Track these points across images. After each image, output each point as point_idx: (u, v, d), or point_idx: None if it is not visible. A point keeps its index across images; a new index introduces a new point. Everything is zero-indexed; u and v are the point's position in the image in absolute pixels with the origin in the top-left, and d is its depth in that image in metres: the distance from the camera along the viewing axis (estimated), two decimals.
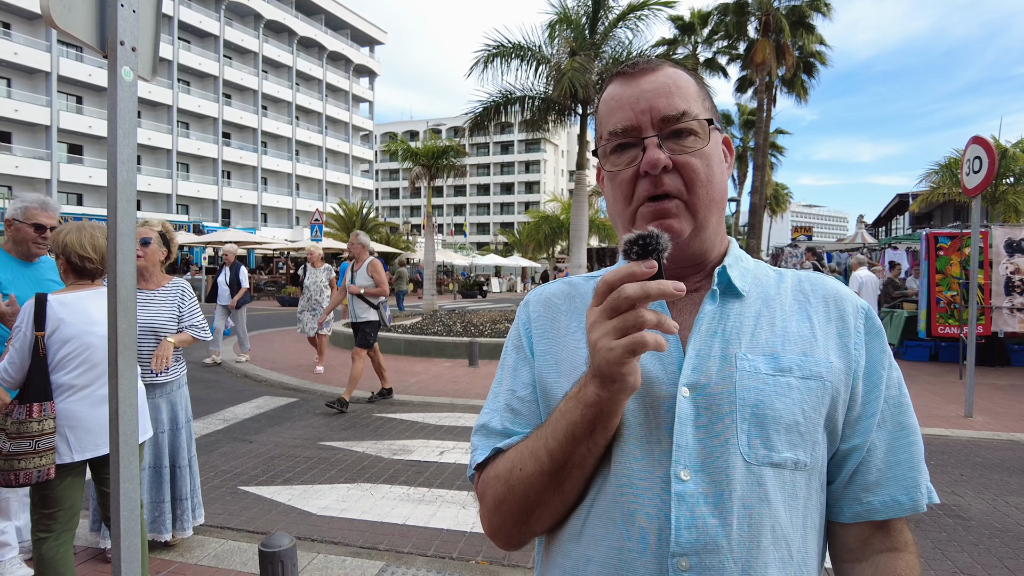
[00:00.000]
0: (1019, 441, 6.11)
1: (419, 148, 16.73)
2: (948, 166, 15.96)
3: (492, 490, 0.85)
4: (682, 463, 0.77)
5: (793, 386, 0.81)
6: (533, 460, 0.80)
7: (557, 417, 0.79)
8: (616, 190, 0.87)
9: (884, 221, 33.41)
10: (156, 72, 2.09)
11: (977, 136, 7.16)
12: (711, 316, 0.85)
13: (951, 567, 3.51)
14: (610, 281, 0.67)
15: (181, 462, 3.48)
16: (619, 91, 0.88)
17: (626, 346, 0.66)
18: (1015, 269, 10.29)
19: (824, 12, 24.26)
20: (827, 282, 0.93)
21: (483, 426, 0.93)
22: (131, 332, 1.94)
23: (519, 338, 0.97)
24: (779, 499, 0.78)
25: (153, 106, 41.02)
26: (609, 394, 0.71)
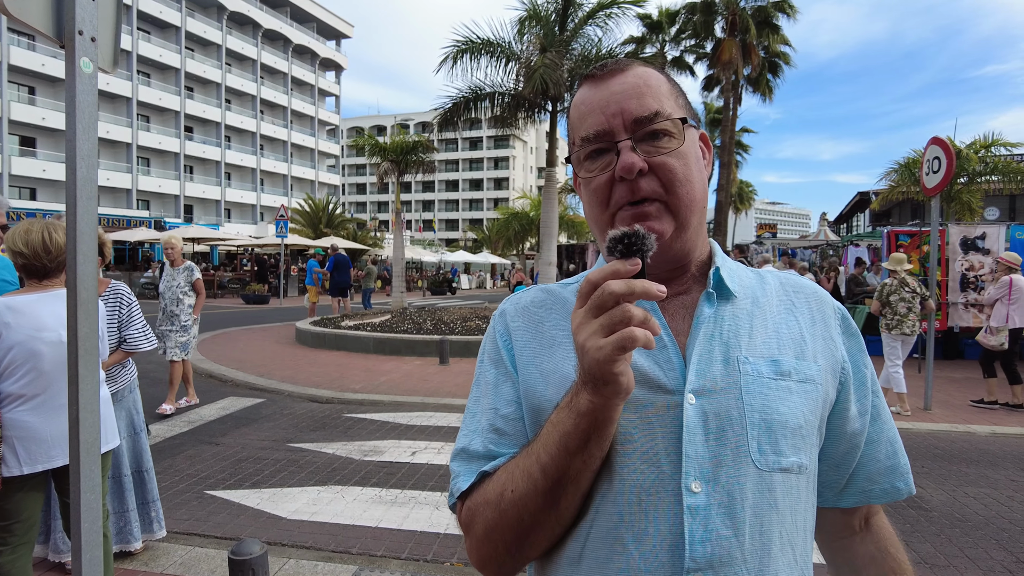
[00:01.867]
0: (975, 432, 6.31)
1: (387, 143, 16.52)
2: (907, 165, 16.37)
3: (481, 518, 0.79)
4: (692, 474, 0.75)
5: (793, 390, 0.81)
6: (525, 479, 0.75)
7: (548, 430, 0.74)
8: (592, 195, 0.84)
9: (846, 218, 34.24)
10: (117, 64, 2.00)
11: (936, 137, 7.36)
12: (709, 319, 0.83)
13: (915, 557, 3.60)
14: (594, 280, 0.65)
15: (147, 465, 3.43)
16: (589, 95, 0.85)
17: (615, 343, 0.63)
18: (969, 266, 10.63)
19: (788, 13, 24.69)
20: (806, 284, 0.94)
21: (463, 450, 0.86)
22: (92, 336, 1.86)
23: (497, 351, 0.91)
24: (786, 504, 0.78)
25: (111, 98, 39.78)
26: (603, 399, 0.68)
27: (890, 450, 0.92)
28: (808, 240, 28.22)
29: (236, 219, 48.78)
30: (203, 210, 46.52)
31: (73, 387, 1.81)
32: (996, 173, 15.71)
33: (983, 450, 5.77)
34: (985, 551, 3.69)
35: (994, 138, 15.73)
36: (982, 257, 10.62)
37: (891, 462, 0.91)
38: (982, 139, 15.84)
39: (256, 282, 25.78)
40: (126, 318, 3.21)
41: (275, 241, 23.79)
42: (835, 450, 0.89)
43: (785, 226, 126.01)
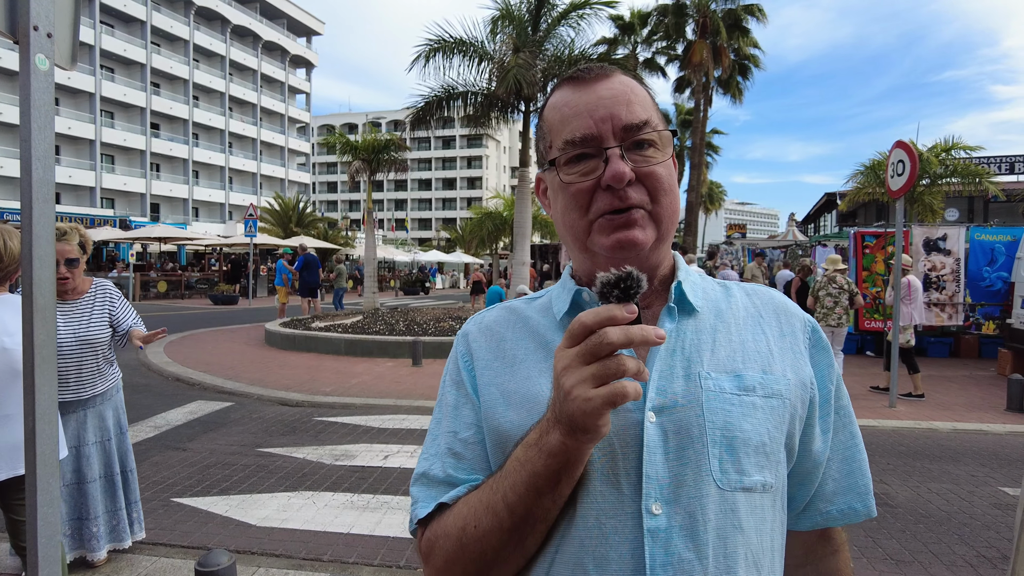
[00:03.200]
0: (937, 429, 6.48)
1: (359, 142, 16.36)
2: (872, 167, 16.74)
3: (441, 549, 0.77)
4: (653, 496, 0.72)
5: (758, 406, 0.78)
6: (490, 516, 0.72)
7: (515, 467, 0.71)
8: (571, 200, 0.81)
9: (813, 219, 34.92)
10: (76, 61, 1.93)
11: (900, 141, 7.53)
12: (670, 334, 0.81)
13: (882, 554, 3.67)
14: (588, 323, 0.62)
15: (130, 465, 3.43)
16: (573, 97, 0.82)
17: (606, 397, 0.60)
18: (932, 266, 10.92)
19: (758, 16, 25.07)
20: (774, 295, 0.92)
21: (423, 474, 0.84)
22: (50, 343, 1.79)
23: (458, 372, 0.89)
24: (751, 524, 0.75)
25: (73, 93, 38.70)
26: (576, 443, 0.65)
27: (846, 468, 0.88)
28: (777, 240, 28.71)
29: (204, 218, 47.89)
30: (170, 209, 45.57)
31: (29, 397, 1.74)
32: (956, 175, 16.16)
33: (945, 446, 5.93)
34: (948, 546, 3.78)
35: (954, 142, 16.17)
36: (943, 258, 10.91)
37: (848, 481, 0.88)
38: (943, 143, 16.28)
39: (228, 282, 25.33)
40: (121, 313, 3.31)
41: (244, 240, 23.39)
42: (801, 468, 0.86)
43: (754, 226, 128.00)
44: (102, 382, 3.25)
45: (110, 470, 3.29)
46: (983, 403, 7.61)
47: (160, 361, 9.79)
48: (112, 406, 3.34)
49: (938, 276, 10.90)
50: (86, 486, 3.16)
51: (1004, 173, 22.78)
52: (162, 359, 9.99)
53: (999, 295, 10.97)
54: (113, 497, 3.30)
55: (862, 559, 3.60)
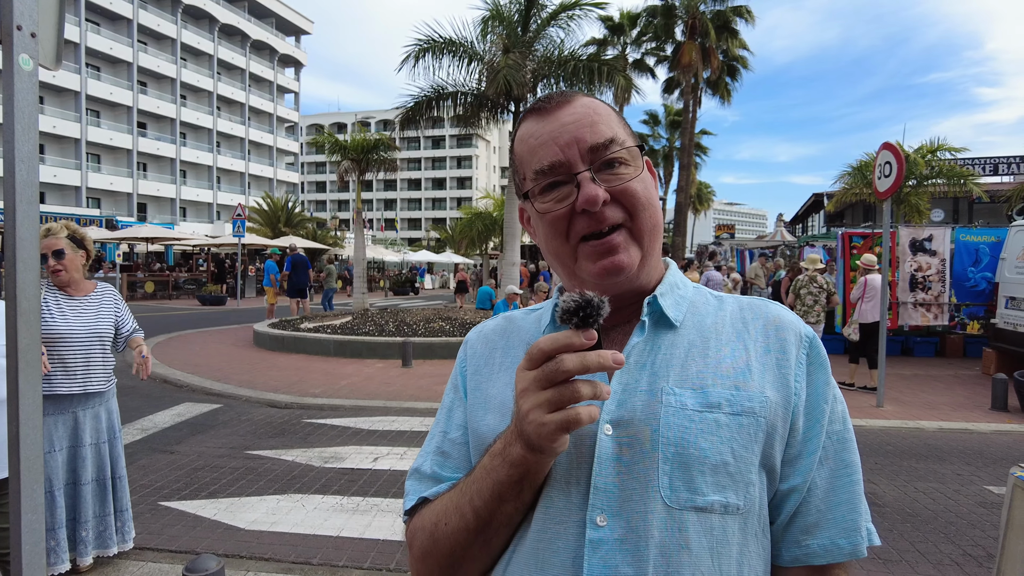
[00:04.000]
0: (923, 428, 6.54)
1: (348, 141, 16.29)
2: (859, 168, 16.87)
3: (419, 541, 0.82)
4: (599, 507, 0.73)
5: (722, 423, 0.75)
6: (458, 516, 0.77)
7: (482, 475, 0.75)
8: (549, 229, 0.81)
9: (801, 219, 35.12)
10: (60, 60, 1.90)
11: (887, 142, 7.59)
12: (640, 348, 0.80)
13: (870, 554, 3.69)
14: (546, 350, 0.64)
15: (119, 472, 3.39)
16: (536, 128, 0.82)
17: (559, 423, 0.63)
18: (918, 267, 11.02)
19: (747, 18, 25.21)
20: (769, 308, 0.87)
21: (416, 470, 0.90)
22: (35, 347, 1.76)
23: (456, 377, 0.95)
24: (703, 546, 0.72)
25: (58, 92, 38.29)
26: (537, 457, 0.69)
27: (833, 500, 0.80)
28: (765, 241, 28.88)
29: (192, 218, 47.54)
30: (157, 209, 45.20)
31: (13, 401, 1.72)
32: (941, 177, 16.32)
33: (931, 445, 5.98)
34: (934, 545, 3.82)
35: (939, 143, 16.34)
36: (929, 258, 11.01)
37: (833, 513, 0.79)
38: (928, 144, 16.44)
39: (214, 283, 25.16)
40: (127, 315, 3.44)
41: (232, 241, 23.24)
42: (776, 490, 0.81)
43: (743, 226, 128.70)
44: (104, 381, 3.28)
45: (102, 474, 3.27)
46: (968, 402, 7.69)
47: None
48: (107, 409, 3.34)
49: (924, 276, 11.00)
50: (80, 488, 3.15)
51: (988, 174, 23.06)
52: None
53: (984, 295, 11.09)
54: (103, 502, 3.27)
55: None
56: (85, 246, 3.34)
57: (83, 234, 3.37)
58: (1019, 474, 2.42)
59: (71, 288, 3.26)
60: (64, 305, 3.19)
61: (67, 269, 3.20)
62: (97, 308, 3.29)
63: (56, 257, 3.17)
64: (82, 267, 3.31)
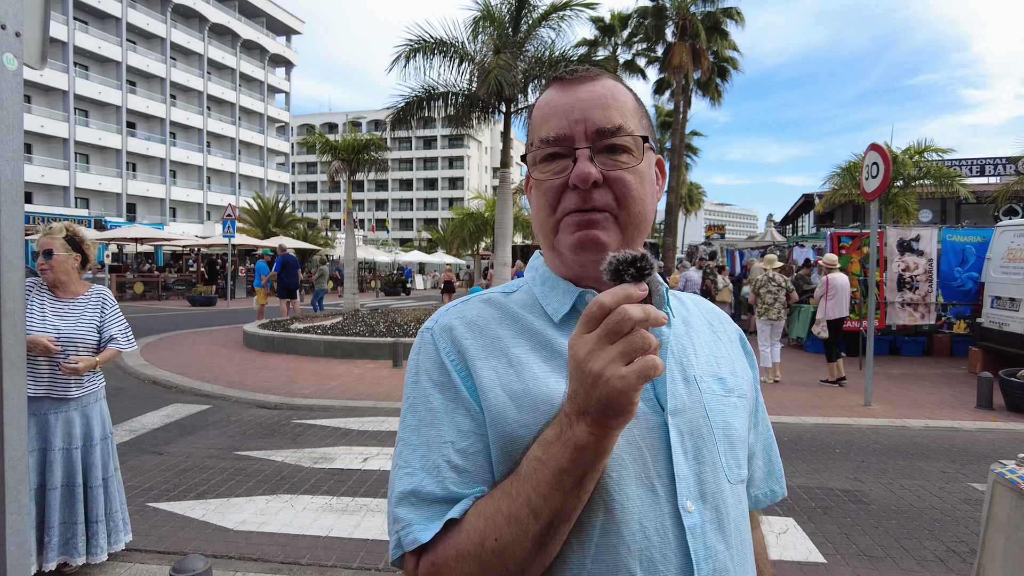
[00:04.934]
0: (910, 427, 6.60)
1: (338, 141, 16.24)
2: (848, 169, 17.00)
3: (456, 571, 0.69)
4: (686, 495, 0.76)
5: (737, 405, 0.85)
6: (513, 525, 0.67)
7: (536, 467, 0.66)
8: (542, 197, 0.82)
9: (791, 219, 35.31)
10: (46, 60, 1.90)
11: (875, 144, 7.66)
12: (666, 338, 0.84)
13: (855, 550, 3.73)
14: (607, 303, 0.61)
15: (93, 481, 3.22)
16: (554, 97, 0.84)
17: (639, 372, 0.59)
18: (906, 267, 11.11)
19: (737, 19, 25.30)
20: (712, 305, 1.01)
21: (412, 492, 0.74)
22: (19, 347, 1.76)
23: (445, 374, 0.80)
24: (743, 513, 0.84)
25: (46, 91, 37.97)
26: (606, 431, 0.63)
27: (767, 456, 0.99)
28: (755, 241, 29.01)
29: (182, 218, 47.26)
30: (147, 209, 44.91)
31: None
32: (929, 177, 16.47)
33: (917, 443, 6.04)
34: (919, 541, 3.86)
35: (926, 144, 16.49)
36: (917, 258, 11.11)
37: (767, 467, 0.98)
38: (916, 145, 16.59)
39: (205, 284, 25.02)
40: (109, 319, 3.30)
41: (222, 241, 23.13)
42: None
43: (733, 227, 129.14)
44: (78, 387, 3.18)
45: (72, 480, 3.14)
46: (954, 401, 7.77)
47: (136, 364, 9.65)
48: (84, 415, 3.22)
49: (912, 276, 11.10)
50: (47, 492, 3.05)
51: (975, 175, 23.28)
52: (138, 361, 9.85)
53: (970, 295, 11.20)
54: (71, 509, 3.14)
55: (836, 555, 3.66)
56: (82, 249, 3.30)
57: (83, 237, 3.34)
58: (999, 470, 2.45)
59: (59, 289, 3.22)
60: (47, 307, 3.15)
61: (53, 269, 3.16)
62: (80, 313, 3.21)
63: (45, 256, 3.15)
64: (74, 270, 3.27)
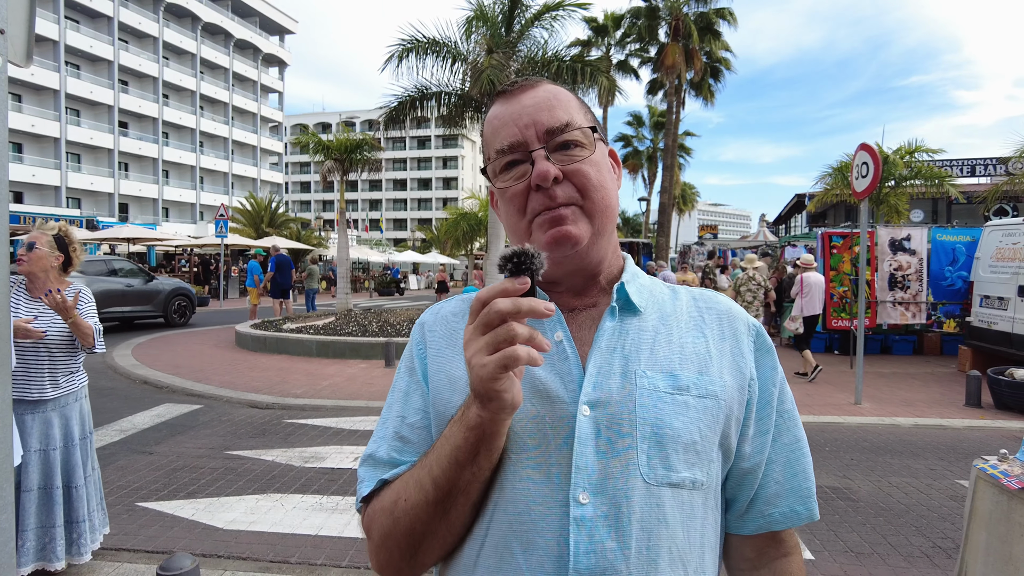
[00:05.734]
0: (899, 425, 6.64)
1: (331, 141, 16.22)
2: (840, 169, 17.07)
3: (378, 524, 0.82)
4: (581, 486, 0.76)
5: (690, 405, 0.81)
6: (418, 489, 0.77)
7: (441, 443, 0.76)
8: (509, 205, 0.86)
9: (784, 219, 35.44)
10: (31, 58, 1.89)
11: (864, 143, 7.70)
12: (611, 332, 0.85)
13: (843, 547, 3.76)
14: (483, 298, 0.67)
15: (76, 482, 3.19)
16: (501, 110, 0.88)
17: (498, 361, 0.64)
18: (897, 266, 11.18)
19: (730, 20, 25.41)
20: (720, 299, 0.95)
21: (370, 456, 0.88)
22: (3, 345, 1.76)
23: (412, 360, 0.93)
24: (677, 519, 0.78)
25: (36, 90, 37.73)
26: (489, 414, 0.69)
27: (788, 471, 0.90)
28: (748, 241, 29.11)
29: (174, 218, 47.04)
30: (139, 209, 44.70)
31: None
32: (920, 178, 16.55)
33: (906, 441, 6.08)
34: (906, 538, 3.89)
35: (917, 145, 16.57)
36: (908, 257, 11.18)
37: (791, 484, 0.90)
38: (907, 145, 16.67)
39: (197, 283, 24.91)
40: (80, 313, 3.19)
41: (215, 241, 23.05)
42: (738, 470, 0.88)
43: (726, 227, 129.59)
44: (52, 388, 3.13)
45: (48, 482, 3.08)
46: (943, 399, 7.82)
47: (127, 364, 9.61)
48: (62, 414, 3.18)
49: (903, 276, 11.17)
50: (22, 495, 2.98)
51: (966, 175, 23.43)
52: (129, 361, 9.81)
53: (960, 294, 11.27)
54: (48, 512, 3.07)
55: (824, 552, 3.69)
56: (67, 251, 3.27)
57: (72, 239, 3.31)
58: (981, 466, 2.48)
59: (34, 288, 3.16)
60: (22, 305, 3.10)
61: (29, 262, 3.11)
62: (53, 314, 3.14)
63: (28, 248, 3.12)
64: (53, 269, 3.21)
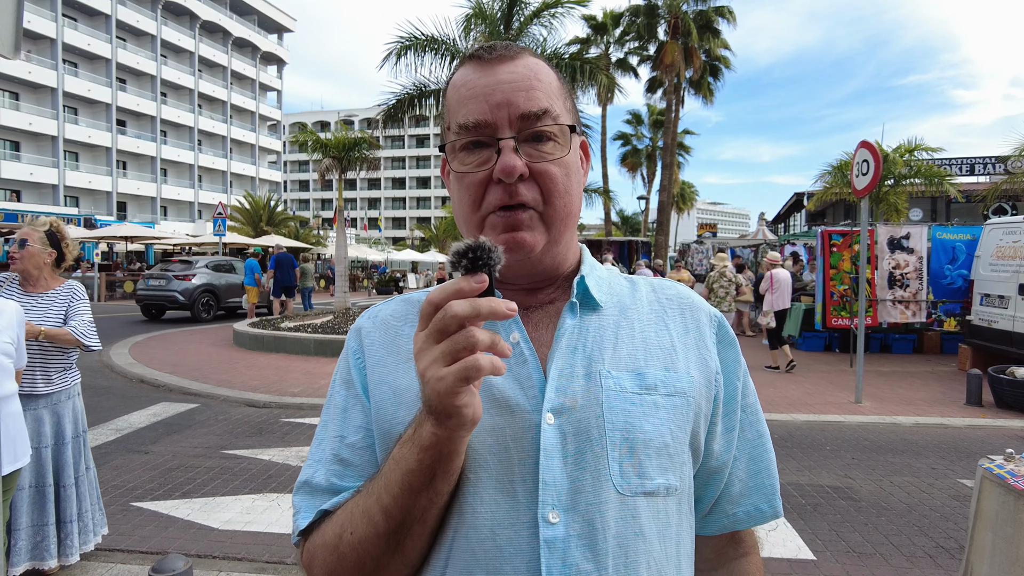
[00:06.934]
0: (900, 424, 6.61)
1: (330, 139, 16.16)
2: (839, 167, 17.02)
3: (320, 561, 0.72)
4: (550, 503, 0.68)
5: (660, 405, 0.74)
6: (365, 521, 0.68)
7: (391, 467, 0.66)
8: (464, 193, 0.76)
9: (783, 218, 35.43)
10: (19, 49, 1.86)
11: (865, 141, 7.66)
12: (571, 331, 0.77)
13: (844, 547, 3.73)
14: (435, 300, 0.58)
15: (66, 481, 3.16)
16: (472, 77, 0.77)
17: (457, 373, 0.56)
18: (896, 264, 11.15)
19: (729, 18, 25.38)
20: (680, 289, 0.89)
21: (305, 483, 0.78)
22: None
23: (348, 371, 0.82)
24: (653, 530, 0.72)
25: (34, 88, 37.66)
26: (447, 432, 0.61)
27: (752, 468, 0.85)
28: (747, 239, 29.11)
29: (173, 217, 47.01)
30: (137, 207, 44.65)
31: None
32: (919, 176, 16.51)
33: (907, 440, 6.05)
34: (908, 538, 3.86)
35: (917, 143, 16.53)
36: (907, 256, 11.15)
37: (754, 481, 0.85)
38: (906, 144, 16.63)
39: None
40: (73, 312, 3.21)
41: (213, 240, 23.01)
42: (705, 469, 0.82)
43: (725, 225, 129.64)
44: (44, 384, 3.11)
45: (41, 481, 3.05)
46: (944, 398, 7.79)
47: (124, 362, 9.57)
48: (53, 412, 3.15)
49: (902, 274, 11.14)
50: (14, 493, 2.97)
51: (964, 174, 23.41)
52: (126, 360, 9.77)
53: (960, 292, 11.24)
54: (41, 511, 3.05)
55: (825, 552, 3.65)
56: (59, 247, 3.25)
57: (63, 236, 3.29)
58: (987, 466, 2.45)
59: (28, 283, 3.17)
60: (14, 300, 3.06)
61: (23, 259, 3.12)
62: (47, 309, 3.13)
63: (19, 245, 3.12)
64: (47, 265, 3.21)
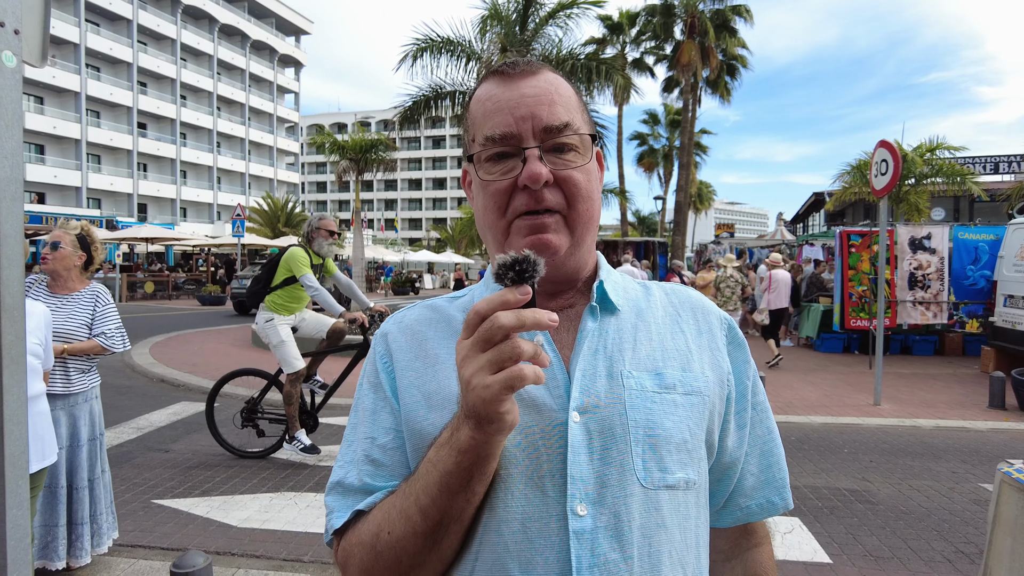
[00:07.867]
0: (920, 426, 6.53)
1: (347, 141, 16.30)
2: (859, 167, 16.84)
3: (357, 559, 0.75)
4: (578, 497, 0.72)
5: (678, 403, 0.79)
6: (403, 521, 0.71)
7: (428, 468, 0.70)
8: (489, 200, 0.80)
9: (802, 218, 35.09)
10: (46, 57, 1.90)
11: (884, 140, 7.58)
12: (592, 333, 0.81)
13: (861, 551, 3.70)
14: (482, 311, 0.61)
15: (79, 483, 3.19)
16: (496, 92, 0.82)
17: (503, 382, 0.59)
18: (917, 265, 11.00)
19: (745, 17, 25.16)
20: (691, 293, 0.93)
21: (338, 483, 0.81)
22: (19, 343, 1.77)
23: (376, 375, 0.86)
24: (674, 522, 0.76)
25: (58, 92, 38.35)
26: (485, 436, 0.64)
27: (764, 463, 0.90)
28: (765, 240, 28.85)
29: (192, 218, 47.64)
30: (158, 209, 45.30)
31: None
32: (940, 175, 16.28)
33: (927, 443, 5.98)
34: (927, 542, 3.82)
35: (938, 142, 16.30)
36: (929, 256, 11.00)
37: (765, 475, 0.90)
38: (927, 143, 16.41)
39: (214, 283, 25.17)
40: (100, 316, 3.24)
41: (232, 241, 23.28)
42: (719, 465, 0.87)
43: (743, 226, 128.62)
44: (63, 384, 3.13)
45: (53, 481, 3.07)
46: (966, 400, 7.68)
47: (145, 362, 9.71)
48: (70, 414, 3.16)
49: (923, 275, 10.99)
50: None
51: (988, 173, 23.05)
52: (147, 360, 9.91)
53: (983, 293, 11.07)
54: (52, 511, 3.06)
55: (842, 556, 3.63)
56: (89, 250, 3.31)
57: (94, 239, 3.34)
58: (1006, 470, 2.42)
59: (56, 285, 3.23)
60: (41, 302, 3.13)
61: (54, 260, 3.18)
62: (72, 310, 3.18)
63: (52, 247, 3.19)
64: (76, 268, 3.26)
